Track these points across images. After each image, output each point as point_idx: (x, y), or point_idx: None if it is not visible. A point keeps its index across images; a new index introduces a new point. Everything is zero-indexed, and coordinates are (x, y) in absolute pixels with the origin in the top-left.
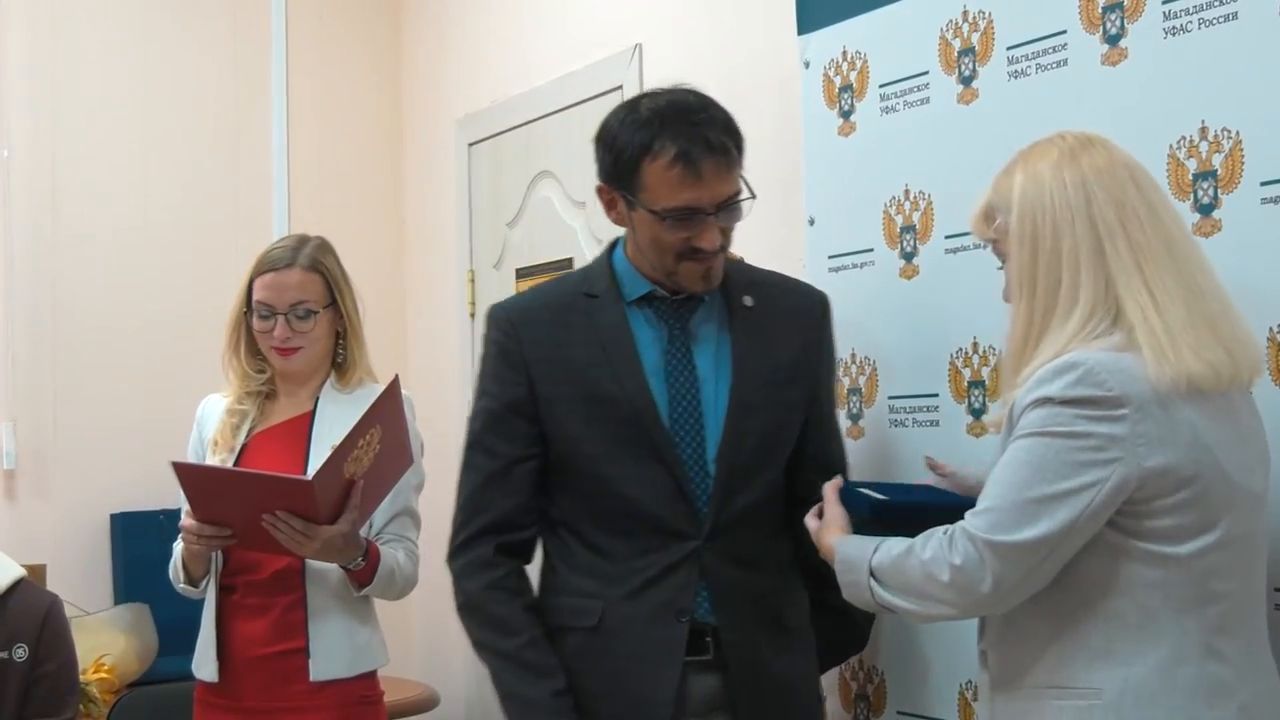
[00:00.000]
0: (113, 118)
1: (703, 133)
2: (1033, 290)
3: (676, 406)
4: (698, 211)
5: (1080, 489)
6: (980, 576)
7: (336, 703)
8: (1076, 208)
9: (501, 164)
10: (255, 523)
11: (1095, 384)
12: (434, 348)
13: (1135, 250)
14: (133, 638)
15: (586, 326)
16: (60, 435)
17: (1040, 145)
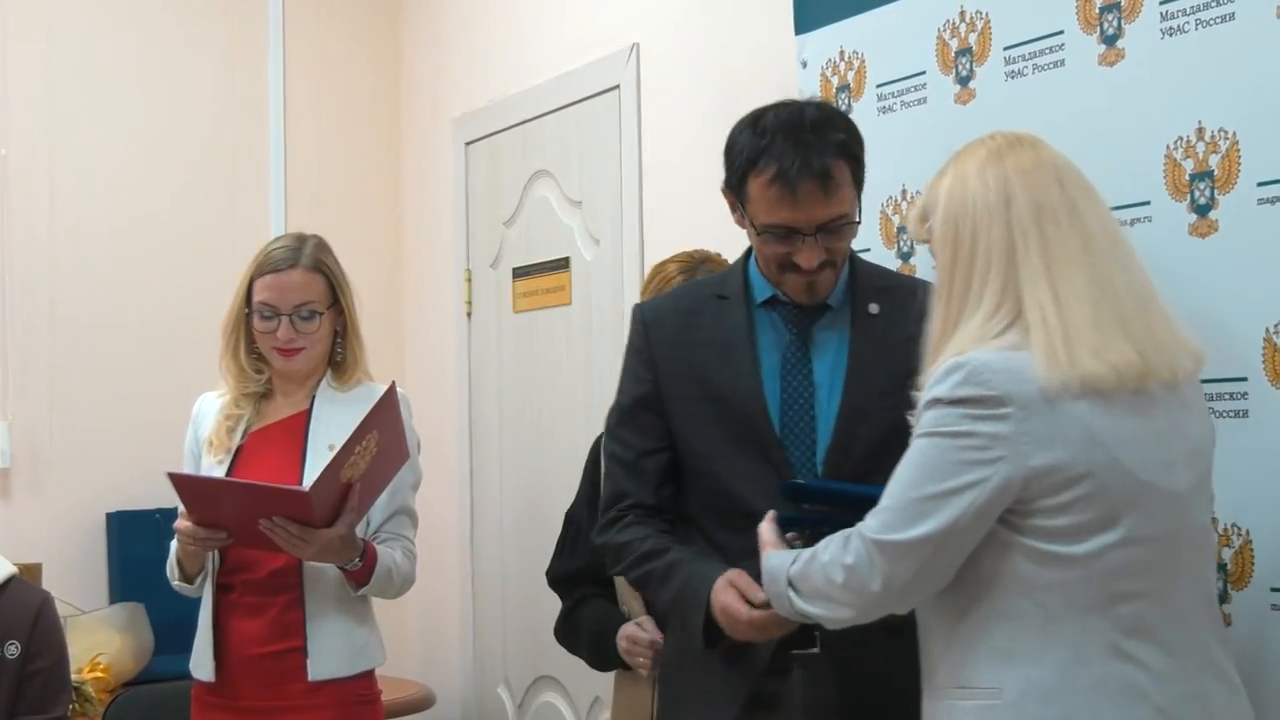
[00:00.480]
0: (110, 118)
1: (805, 154)
2: (949, 292)
3: (789, 410)
4: (795, 231)
5: (963, 488)
6: (870, 576)
7: (334, 702)
8: (995, 209)
9: (498, 163)
10: (252, 526)
11: (979, 384)
12: (431, 346)
13: (1046, 250)
14: (128, 637)
15: (712, 327)
16: (56, 434)
17: (971, 145)
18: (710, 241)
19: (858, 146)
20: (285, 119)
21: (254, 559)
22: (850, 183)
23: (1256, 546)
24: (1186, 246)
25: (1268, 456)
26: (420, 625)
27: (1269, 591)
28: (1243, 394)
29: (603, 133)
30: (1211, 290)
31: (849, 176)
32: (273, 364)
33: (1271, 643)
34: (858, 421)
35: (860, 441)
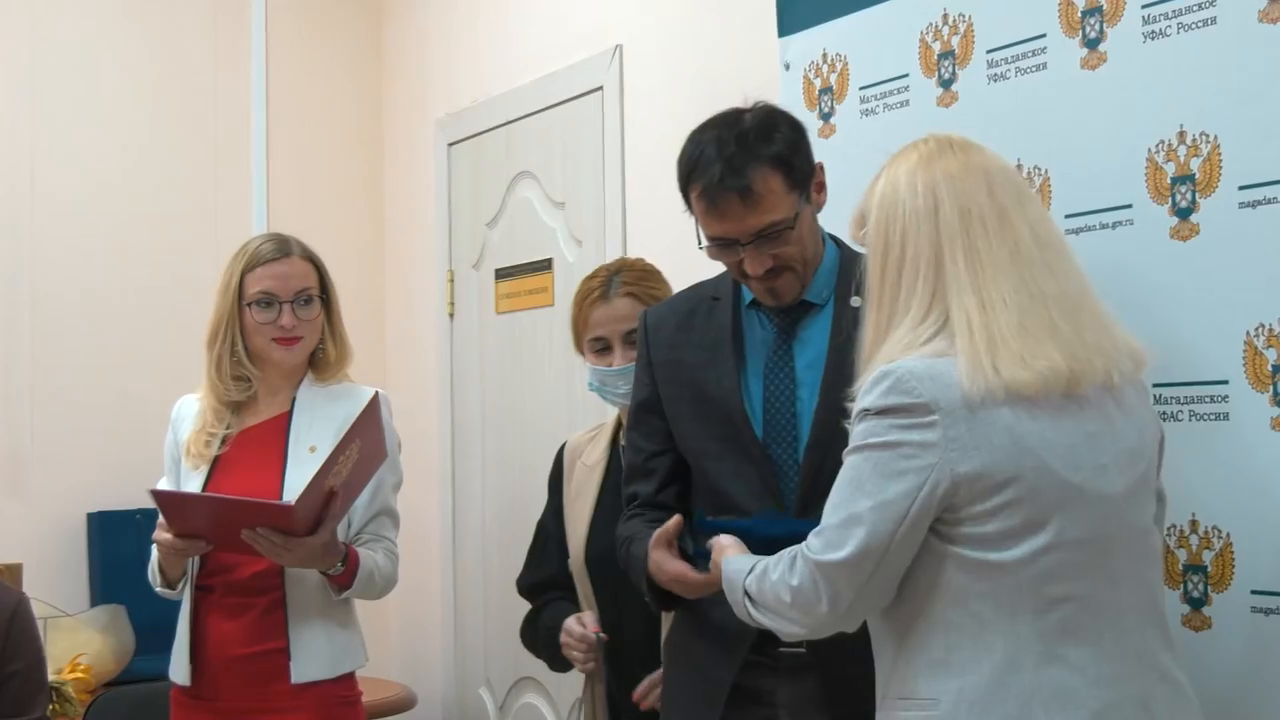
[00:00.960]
0: (91, 119)
1: (727, 168)
2: (879, 299)
3: (771, 409)
4: (733, 242)
5: (896, 498)
6: (816, 597)
7: (317, 704)
8: (923, 214)
9: (481, 164)
10: (234, 535)
11: (904, 391)
12: (413, 347)
13: (973, 257)
14: (109, 637)
15: (703, 330)
16: (37, 434)
17: (905, 150)
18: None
19: (794, 152)
20: (268, 119)
21: (235, 561)
22: (783, 189)
23: (1237, 549)
24: (1167, 249)
25: (1248, 459)
26: (402, 626)
27: (1249, 594)
28: (1223, 397)
29: (586, 134)
30: (1192, 293)
31: (781, 183)
32: (269, 357)
33: (1253, 644)
34: (837, 417)
35: (840, 438)
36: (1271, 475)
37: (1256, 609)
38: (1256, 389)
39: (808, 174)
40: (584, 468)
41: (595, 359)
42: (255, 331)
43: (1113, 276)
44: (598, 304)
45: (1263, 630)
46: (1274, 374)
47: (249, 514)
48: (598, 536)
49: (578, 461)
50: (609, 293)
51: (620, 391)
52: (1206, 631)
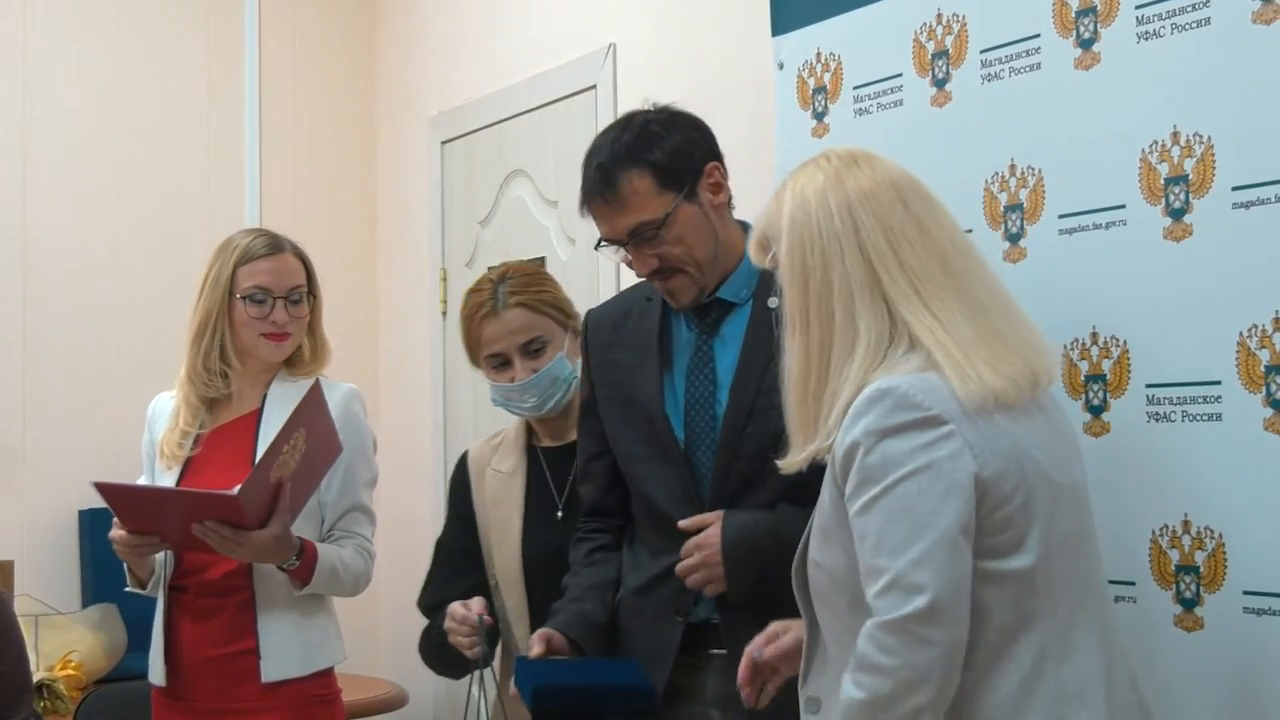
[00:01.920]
0: (84, 115)
1: (593, 174)
2: (806, 324)
3: (692, 410)
4: (614, 243)
5: (953, 522)
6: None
7: (290, 703)
8: (844, 236)
9: (474, 162)
10: (186, 530)
11: (913, 407)
12: (405, 346)
13: (909, 273)
14: (100, 635)
15: (634, 331)
16: (28, 431)
17: (807, 168)
18: None
19: (671, 153)
20: (261, 117)
21: (207, 561)
22: (653, 190)
23: (1229, 549)
24: (1161, 250)
25: (1241, 460)
26: (392, 624)
27: (1241, 594)
28: (1216, 397)
29: (579, 133)
30: (1185, 294)
31: (650, 184)
32: (255, 352)
33: (1245, 646)
34: (744, 421)
35: (747, 440)
36: (1264, 476)
37: (1249, 610)
38: (1249, 390)
39: (690, 174)
40: (499, 475)
41: (495, 375)
42: (245, 326)
43: (1106, 277)
44: (489, 320)
45: (1255, 631)
46: (1267, 375)
47: (195, 505)
48: (533, 544)
49: (486, 470)
50: (497, 306)
51: (528, 405)
52: (1199, 632)
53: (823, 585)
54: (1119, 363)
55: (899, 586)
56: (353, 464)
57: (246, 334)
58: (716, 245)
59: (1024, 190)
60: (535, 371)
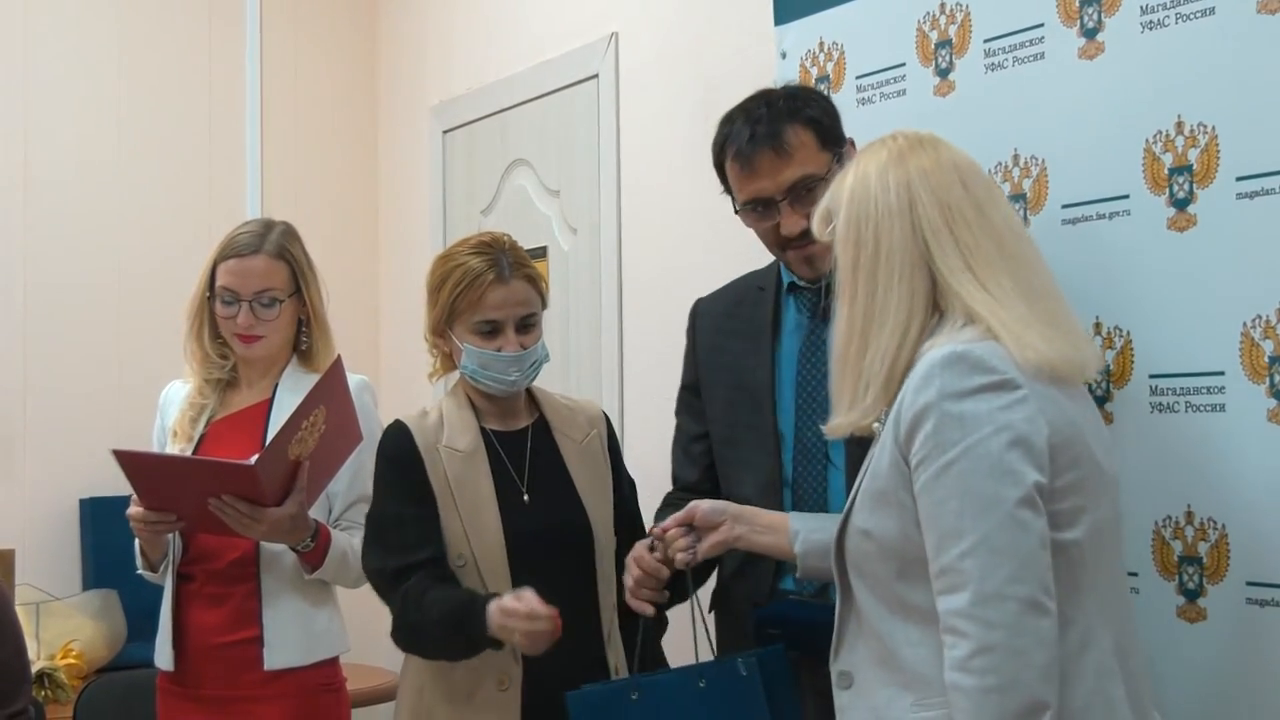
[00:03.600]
0: (85, 106)
1: (756, 127)
2: (854, 294)
3: (804, 394)
4: (767, 201)
5: (1031, 486)
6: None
7: (294, 691)
8: (899, 211)
9: (476, 152)
10: (202, 507)
11: (988, 370)
12: (406, 335)
13: (963, 250)
14: (101, 623)
15: (748, 320)
16: (29, 419)
17: (874, 145)
18: (687, 231)
19: (824, 114)
20: (262, 106)
21: (215, 549)
22: (815, 145)
23: (1232, 540)
24: (1165, 240)
25: (1244, 450)
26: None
27: (1245, 585)
28: (1220, 388)
29: (581, 122)
30: (1189, 284)
31: (812, 139)
32: (234, 350)
33: (1248, 636)
34: None
35: None
36: (1268, 467)
37: (1252, 600)
38: (1253, 380)
39: (841, 138)
40: (455, 454)
41: (481, 341)
42: (221, 324)
43: (1109, 267)
44: (496, 286)
45: (1258, 622)
46: (1270, 365)
47: (212, 474)
48: (516, 523)
49: (439, 446)
50: (505, 274)
51: (509, 378)
52: (1202, 623)
53: (869, 554)
54: (1122, 353)
55: (992, 546)
56: (362, 455)
57: (224, 330)
58: None
59: (1027, 180)
60: (525, 347)
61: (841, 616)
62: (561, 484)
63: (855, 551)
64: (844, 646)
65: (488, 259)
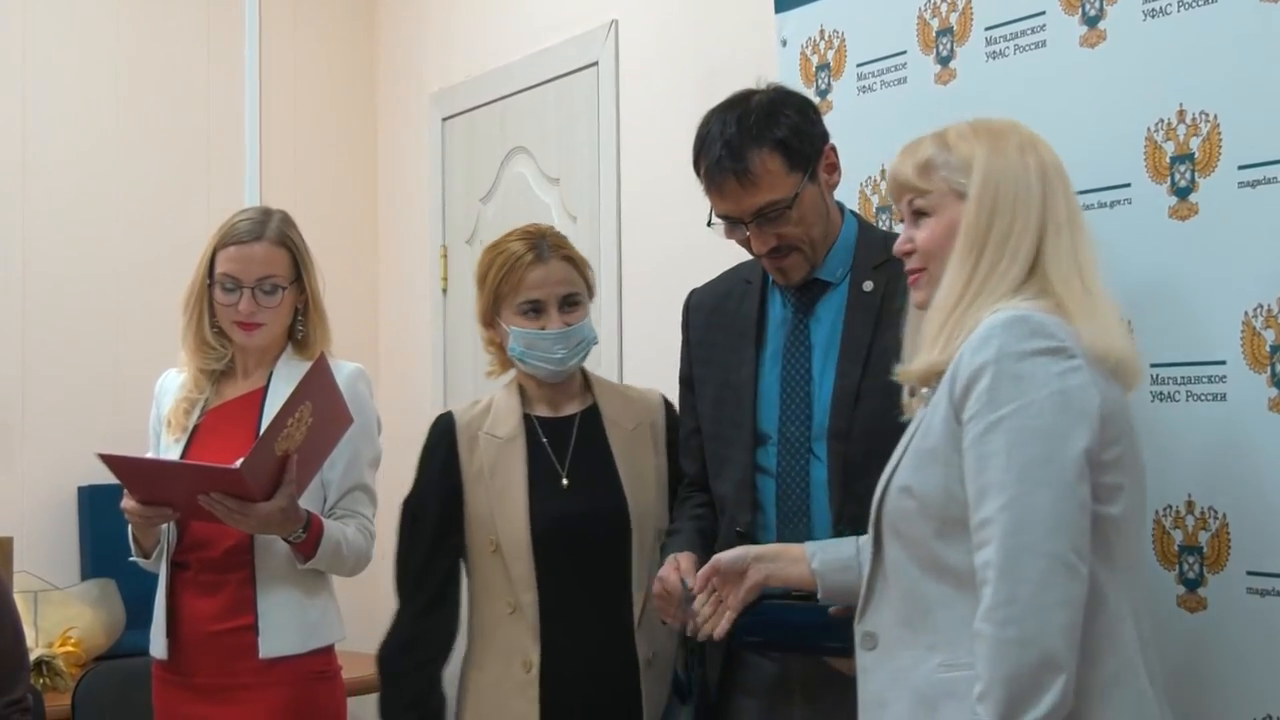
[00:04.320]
0: (84, 94)
1: (725, 150)
2: (980, 253)
3: (788, 389)
4: (736, 221)
5: (1080, 450)
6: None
7: (289, 679)
8: (1036, 196)
9: (475, 139)
10: (194, 501)
11: (1048, 335)
12: (406, 322)
13: (1076, 249)
14: (100, 611)
15: (734, 314)
16: (28, 407)
17: (997, 125)
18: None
19: (796, 134)
20: (261, 93)
21: (209, 537)
22: (782, 170)
23: (1233, 530)
24: (1166, 229)
25: (1245, 440)
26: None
27: (1245, 575)
28: (1221, 377)
29: (581, 110)
30: (1191, 273)
31: (780, 165)
32: (233, 338)
33: (1248, 626)
34: (852, 404)
35: (857, 423)
36: (1268, 456)
37: (1252, 590)
38: (1254, 369)
39: (812, 155)
40: (494, 441)
41: (525, 321)
42: (220, 311)
43: (1111, 256)
44: (534, 266)
45: (1258, 612)
46: (1272, 354)
47: (200, 478)
48: (541, 513)
49: (479, 435)
50: (544, 255)
51: (555, 357)
52: (1202, 613)
53: (908, 512)
54: None
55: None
56: (357, 443)
57: (222, 318)
58: (828, 224)
59: None
60: (569, 325)
61: (871, 579)
62: (604, 471)
63: (895, 510)
64: (870, 608)
65: (527, 243)
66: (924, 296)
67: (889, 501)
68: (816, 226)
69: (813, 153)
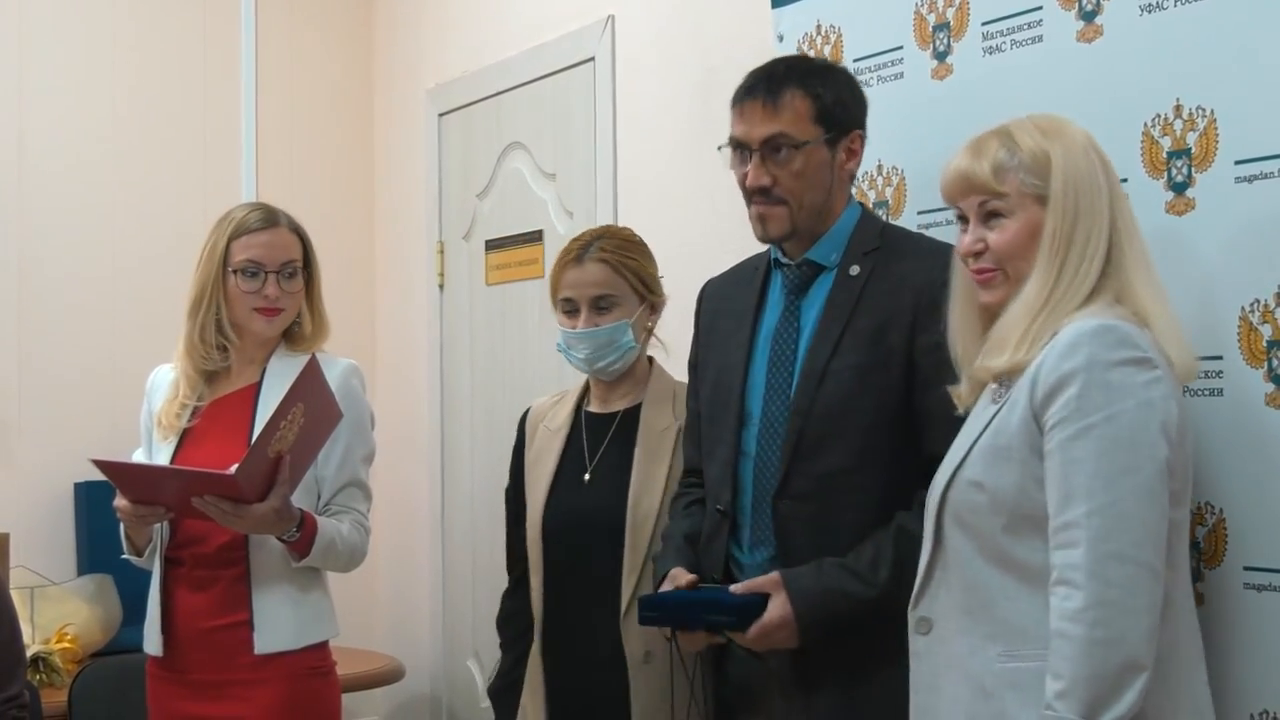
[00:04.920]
0: (79, 90)
1: (758, 78)
2: (1064, 260)
3: (774, 371)
4: (742, 145)
5: (1162, 459)
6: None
7: (284, 675)
8: (1107, 195)
9: (472, 135)
10: (187, 501)
11: (1134, 346)
12: (402, 319)
13: (1138, 253)
14: (96, 607)
15: (738, 299)
16: (24, 403)
17: (1059, 123)
18: (684, 215)
19: (834, 98)
20: (257, 89)
21: (203, 533)
22: (807, 115)
23: (1230, 525)
24: (1163, 224)
25: (1242, 435)
26: (390, 598)
27: (1242, 570)
28: (1218, 372)
29: (577, 105)
30: (1187, 268)
31: (806, 107)
32: (249, 327)
33: (1245, 621)
34: (816, 384)
35: (819, 402)
36: (1265, 451)
37: (1249, 585)
38: (1251, 365)
39: (840, 126)
40: (546, 432)
41: (563, 319)
42: (238, 300)
43: None
44: (571, 266)
45: (1255, 607)
46: (1269, 350)
47: (194, 483)
48: (556, 506)
49: (540, 425)
50: (584, 257)
51: (579, 355)
52: (1199, 609)
53: (977, 506)
54: None
55: (1121, 509)
56: (350, 439)
57: (240, 308)
58: (825, 201)
59: None
60: (596, 326)
61: (929, 565)
62: (623, 468)
63: (962, 502)
64: (926, 594)
65: (579, 243)
66: (999, 296)
67: (955, 493)
68: (812, 192)
69: (841, 125)
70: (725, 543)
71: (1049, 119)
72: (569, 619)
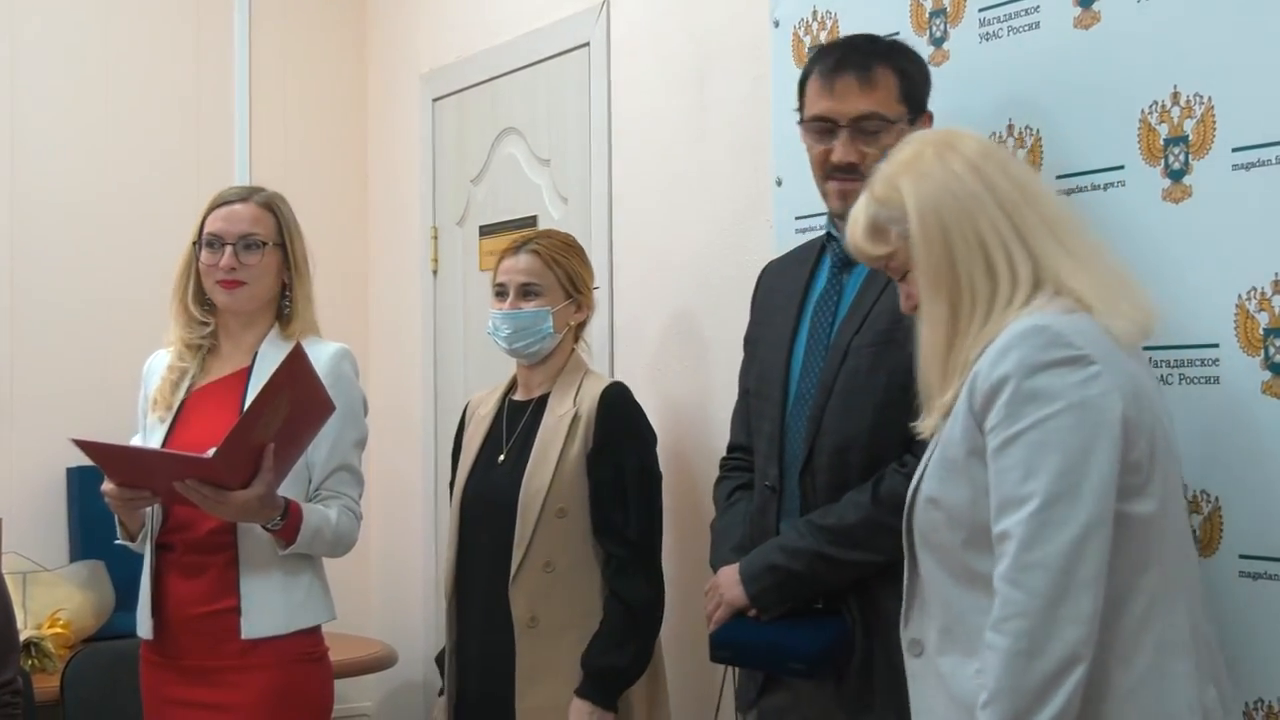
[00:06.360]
0: (72, 76)
1: (850, 54)
2: (954, 284)
3: (814, 338)
4: (831, 122)
5: (1105, 461)
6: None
7: (274, 661)
8: (980, 192)
9: (466, 120)
10: (171, 486)
11: (1065, 344)
12: (396, 304)
13: (1046, 222)
14: (89, 593)
15: (792, 276)
16: (16, 388)
17: (906, 152)
18: (679, 201)
19: (916, 73)
20: (250, 74)
21: (193, 519)
22: (896, 94)
23: (1225, 513)
24: (1160, 212)
25: (1238, 423)
26: (383, 584)
27: (1237, 558)
28: (1214, 360)
29: (572, 90)
30: (1184, 256)
31: (894, 85)
32: (216, 300)
33: (1240, 609)
34: (840, 358)
35: (840, 379)
36: (1261, 439)
37: (1244, 573)
38: (1248, 353)
39: (919, 103)
40: (477, 418)
41: (494, 302)
42: (205, 273)
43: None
44: (508, 255)
45: (1250, 595)
46: (1265, 338)
47: (174, 466)
48: (472, 486)
49: (476, 413)
50: (521, 249)
51: (501, 334)
52: None
53: (936, 523)
54: None
55: (1048, 516)
56: (341, 424)
57: (207, 280)
58: None
59: (1021, 150)
60: (519, 309)
61: (910, 586)
62: (526, 453)
63: (924, 521)
64: (913, 615)
65: (521, 238)
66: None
67: (917, 513)
68: None
69: (920, 102)
70: (774, 518)
71: (900, 151)
72: (468, 585)
